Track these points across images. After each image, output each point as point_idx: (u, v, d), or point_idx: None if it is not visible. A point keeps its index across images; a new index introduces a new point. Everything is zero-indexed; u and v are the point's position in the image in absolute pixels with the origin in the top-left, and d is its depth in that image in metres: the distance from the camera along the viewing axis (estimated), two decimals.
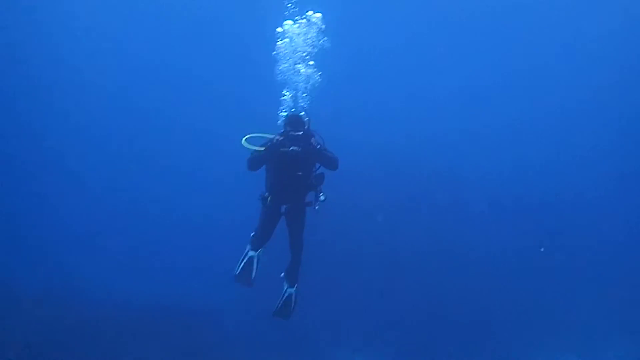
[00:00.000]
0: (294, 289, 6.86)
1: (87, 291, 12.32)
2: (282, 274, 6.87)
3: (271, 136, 6.24)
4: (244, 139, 6.13)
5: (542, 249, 13.47)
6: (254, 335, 11.79)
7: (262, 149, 6.13)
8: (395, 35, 16.98)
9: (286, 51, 7.87)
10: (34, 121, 17.36)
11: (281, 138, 6.12)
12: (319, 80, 7.98)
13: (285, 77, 7.74)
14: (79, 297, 12.02)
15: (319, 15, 8.02)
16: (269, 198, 6.36)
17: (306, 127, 6.22)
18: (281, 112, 7.16)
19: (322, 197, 6.28)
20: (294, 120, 6.24)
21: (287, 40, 7.95)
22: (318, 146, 6.15)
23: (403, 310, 12.94)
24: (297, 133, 6.07)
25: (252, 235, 6.80)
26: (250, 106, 15.64)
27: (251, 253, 6.70)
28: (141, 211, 16.12)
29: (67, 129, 17.18)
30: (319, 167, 6.40)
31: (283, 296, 6.82)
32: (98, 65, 17.94)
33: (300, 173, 6.23)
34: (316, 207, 6.37)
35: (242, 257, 6.73)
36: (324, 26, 8.00)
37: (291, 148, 5.99)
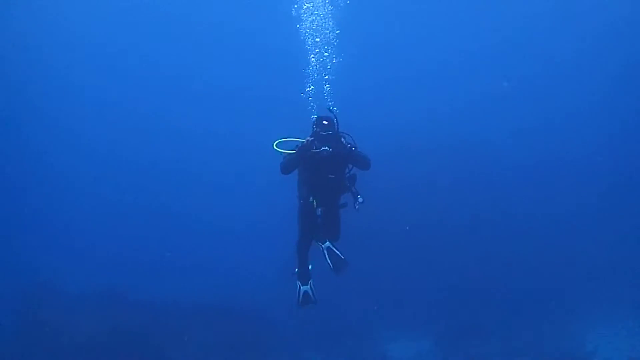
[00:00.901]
0: (327, 242, 6.51)
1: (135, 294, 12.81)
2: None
3: (301, 139, 6.13)
4: (275, 143, 6.07)
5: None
6: (297, 328, 12.13)
7: (293, 152, 6.07)
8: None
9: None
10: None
11: (311, 139, 6.02)
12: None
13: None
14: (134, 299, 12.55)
15: None
16: (310, 199, 6.30)
17: (336, 127, 6.11)
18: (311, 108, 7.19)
19: (360, 199, 6.16)
20: (323, 121, 6.12)
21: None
22: (349, 146, 6.07)
23: (440, 295, 12.89)
24: (326, 133, 5.98)
25: (296, 272, 6.71)
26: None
27: (304, 288, 6.61)
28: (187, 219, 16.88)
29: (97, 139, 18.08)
30: (352, 168, 6.31)
31: (325, 254, 6.51)
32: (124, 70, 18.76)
33: (332, 176, 6.17)
34: (356, 207, 6.20)
35: (297, 292, 6.66)
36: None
37: (322, 149, 5.89)
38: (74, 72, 18.90)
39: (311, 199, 6.33)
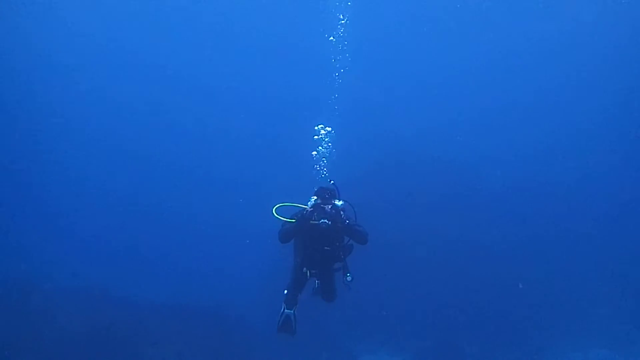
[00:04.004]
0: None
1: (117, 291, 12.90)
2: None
3: (301, 206, 6.21)
4: (274, 208, 6.10)
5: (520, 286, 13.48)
6: (275, 336, 12.14)
7: (293, 220, 6.12)
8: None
9: None
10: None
11: (311, 210, 6.04)
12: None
13: None
14: (113, 298, 12.61)
15: None
16: (304, 269, 6.40)
17: (336, 199, 6.14)
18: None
19: (349, 278, 6.28)
20: (324, 192, 6.15)
21: None
22: (347, 222, 6.07)
23: (426, 305, 13.11)
24: (327, 205, 6.01)
25: (285, 294, 6.73)
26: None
27: (287, 312, 6.60)
28: (173, 219, 16.99)
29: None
30: (349, 239, 6.34)
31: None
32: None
33: (328, 248, 6.21)
34: (345, 284, 6.33)
35: (280, 314, 6.67)
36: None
37: (321, 221, 5.92)
38: (84, 68, 19.02)
39: (304, 269, 6.40)
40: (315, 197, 6.17)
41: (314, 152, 7.81)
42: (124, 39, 19.41)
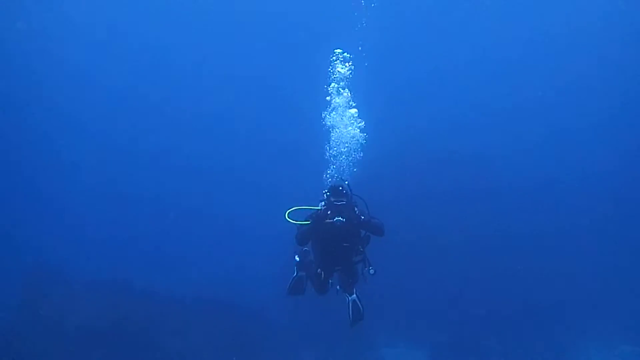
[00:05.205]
0: (355, 295, 6.73)
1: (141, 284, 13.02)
2: (338, 287, 6.75)
3: (314, 208, 6.20)
4: (287, 212, 6.05)
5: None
6: (294, 327, 12.25)
7: (307, 222, 6.09)
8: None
9: None
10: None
11: (325, 209, 6.04)
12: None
13: None
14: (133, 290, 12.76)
15: None
16: (322, 273, 6.37)
17: (349, 196, 6.12)
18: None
19: (371, 271, 6.27)
20: (336, 190, 6.10)
21: None
22: (362, 217, 6.05)
23: (445, 299, 13.00)
24: (340, 203, 5.97)
25: (298, 262, 6.95)
26: None
27: (300, 274, 6.93)
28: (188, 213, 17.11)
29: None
30: (365, 232, 6.32)
31: (349, 305, 6.69)
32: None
33: (346, 244, 6.19)
34: (366, 280, 6.33)
35: (291, 278, 6.92)
36: None
37: (336, 219, 5.88)
38: (86, 62, 19.19)
39: (319, 270, 6.40)
40: (328, 195, 6.14)
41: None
42: (136, 32, 19.47)
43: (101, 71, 18.95)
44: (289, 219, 6.06)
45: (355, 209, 6.08)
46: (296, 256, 6.95)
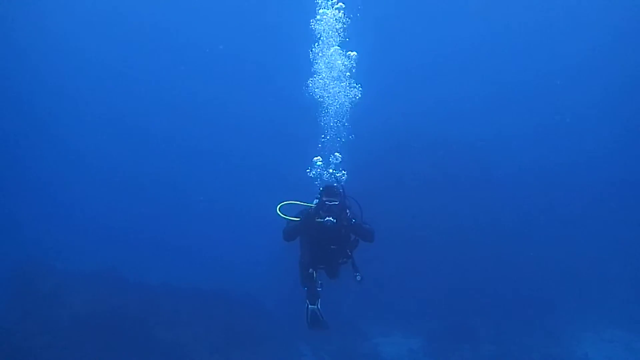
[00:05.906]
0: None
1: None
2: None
3: (306, 204, 6.13)
4: (279, 206, 5.99)
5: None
6: (289, 318, 12.24)
7: (297, 219, 6.00)
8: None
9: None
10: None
11: (316, 208, 5.94)
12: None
13: None
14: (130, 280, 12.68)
15: None
16: (310, 270, 6.22)
17: (342, 197, 5.99)
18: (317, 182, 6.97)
19: (358, 278, 6.10)
20: (329, 191, 5.98)
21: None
22: (353, 221, 5.94)
23: (439, 288, 13.03)
24: (332, 203, 5.85)
25: (306, 291, 6.57)
26: None
27: (312, 307, 6.45)
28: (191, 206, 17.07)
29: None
30: (354, 236, 6.19)
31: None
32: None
33: (334, 247, 6.09)
34: (357, 280, 6.13)
35: (306, 312, 6.48)
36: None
37: (326, 219, 5.79)
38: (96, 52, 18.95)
39: (310, 270, 6.24)
40: (321, 194, 6.01)
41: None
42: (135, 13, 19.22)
43: (98, 62, 18.75)
44: (279, 213, 5.99)
45: (348, 211, 5.96)
46: (304, 287, 6.55)
